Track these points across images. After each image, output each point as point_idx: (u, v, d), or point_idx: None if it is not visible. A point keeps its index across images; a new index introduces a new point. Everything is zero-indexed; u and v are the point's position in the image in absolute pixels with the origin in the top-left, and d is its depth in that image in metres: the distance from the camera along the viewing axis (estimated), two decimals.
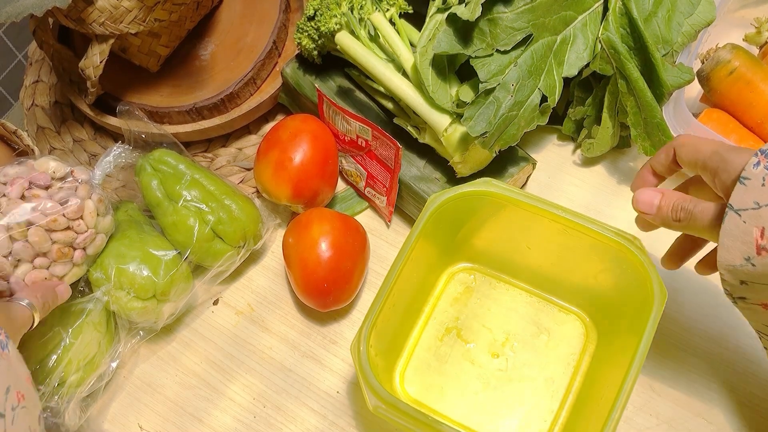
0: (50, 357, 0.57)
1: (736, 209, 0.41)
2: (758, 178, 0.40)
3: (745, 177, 0.41)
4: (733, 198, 0.41)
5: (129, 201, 0.68)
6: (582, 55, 0.63)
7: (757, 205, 0.40)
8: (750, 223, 0.40)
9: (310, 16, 0.67)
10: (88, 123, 0.78)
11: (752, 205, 0.40)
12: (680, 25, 0.63)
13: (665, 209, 0.47)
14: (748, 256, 0.40)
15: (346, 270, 0.62)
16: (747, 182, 0.40)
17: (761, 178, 0.40)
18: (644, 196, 0.48)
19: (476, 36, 0.59)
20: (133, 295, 0.59)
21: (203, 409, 0.62)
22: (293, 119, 0.68)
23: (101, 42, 0.66)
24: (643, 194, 0.48)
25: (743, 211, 0.40)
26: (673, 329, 0.62)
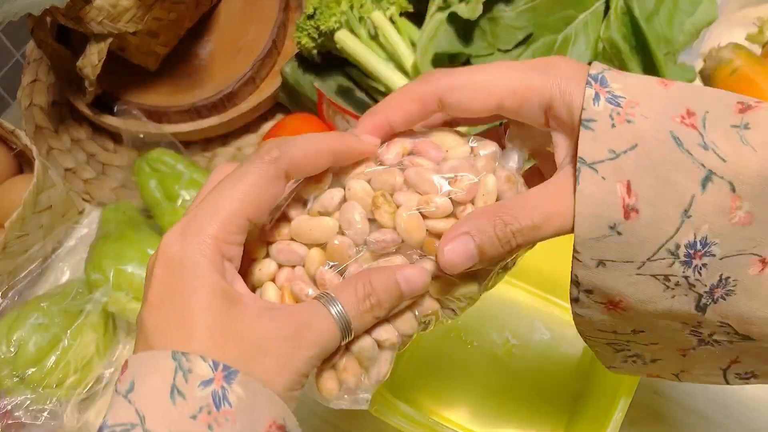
0: (49, 358, 0.57)
1: (589, 163, 0.30)
2: (604, 118, 0.30)
3: (588, 119, 0.30)
4: (583, 147, 0.30)
5: (127, 201, 0.68)
6: (583, 55, 0.63)
7: (613, 153, 0.30)
8: (611, 178, 0.30)
9: (309, 14, 0.66)
10: (86, 122, 0.78)
11: (608, 155, 0.30)
12: (682, 24, 0.63)
13: (490, 247, 0.32)
14: (614, 224, 0.30)
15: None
16: (593, 125, 0.30)
17: (608, 117, 0.30)
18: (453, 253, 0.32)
19: (477, 35, 0.59)
20: (132, 296, 0.59)
21: None
22: (293, 119, 0.67)
23: (99, 41, 0.66)
24: (451, 252, 0.32)
25: (599, 164, 0.30)
26: None
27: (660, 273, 0.31)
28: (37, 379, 0.56)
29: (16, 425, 0.56)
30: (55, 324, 0.58)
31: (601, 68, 0.32)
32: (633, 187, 0.30)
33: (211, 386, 0.28)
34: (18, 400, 0.56)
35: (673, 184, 0.30)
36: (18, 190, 0.67)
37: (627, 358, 0.39)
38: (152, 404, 0.28)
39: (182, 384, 0.28)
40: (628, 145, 0.30)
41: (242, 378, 0.28)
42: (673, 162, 0.30)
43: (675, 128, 0.30)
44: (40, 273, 0.67)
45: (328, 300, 0.31)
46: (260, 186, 0.31)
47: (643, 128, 0.30)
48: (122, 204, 0.66)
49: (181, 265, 0.30)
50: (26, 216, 0.64)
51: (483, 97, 0.33)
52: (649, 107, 0.31)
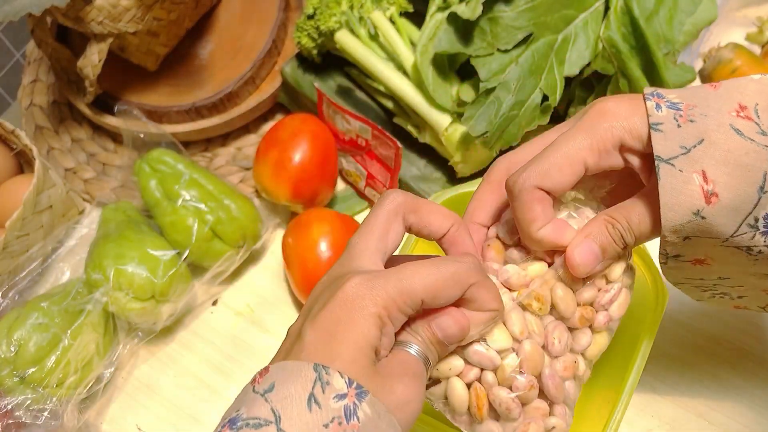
0: (49, 358, 0.57)
1: (666, 159, 0.35)
2: (670, 120, 0.35)
3: (656, 123, 0.35)
4: (657, 147, 0.35)
5: (127, 201, 0.68)
6: (583, 54, 0.63)
7: (684, 149, 0.35)
8: (687, 169, 0.34)
9: (309, 14, 0.66)
10: (86, 122, 0.78)
11: (680, 151, 0.35)
12: (682, 24, 0.63)
13: (610, 248, 0.38)
14: (698, 210, 0.35)
15: None
16: (662, 127, 0.35)
17: (673, 119, 0.35)
18: (582, 256, 0.38)
19: (477, 35, 0.59)
20: (131, 296, 0.59)
21: (202, 411, 0.62)
22: (293, 119, 0.67)
23: (100, 41, 0.66)
24: (579, 255, 0.38)
25: (674, 159, 0.35)
26: (675, 329, 0.61)
27: (743, 245, 0.35)
28: (37, 379, 0.56)
29: (16, 425, 0.57)
30: (55, 324, 0.58)
31: (653, 88, 0.37)
32: (709, 175, 0.34)
33: (345, 400, 0.32)
34: (18, 399, 0.56)
35: (745, 166, 0.34)
36: (18, 190, 0.67)
37: (715, 295, 0.44)
38: (289, 407, 0.31)
39: (320, 394, 0.31)
40: (696, 140, 0.35)
41: (371, 399, 0.32)
42: (740, 149, 0.34)
43: (733, 121, 0.35)
44: (41, 273, 0.67)
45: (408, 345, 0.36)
46: (447, 283, 0.35)
47: (706, 125, 0.35)
48: (122, 204, 0.66)
49: (357, 308, 0.34)
50: (26, 216, 0.64)
51: (570, 169, 0.37)
52: (705, 107, 0.35)
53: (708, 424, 0.58)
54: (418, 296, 0.34)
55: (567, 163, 0.37)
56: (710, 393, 0.59)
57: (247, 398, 0.33)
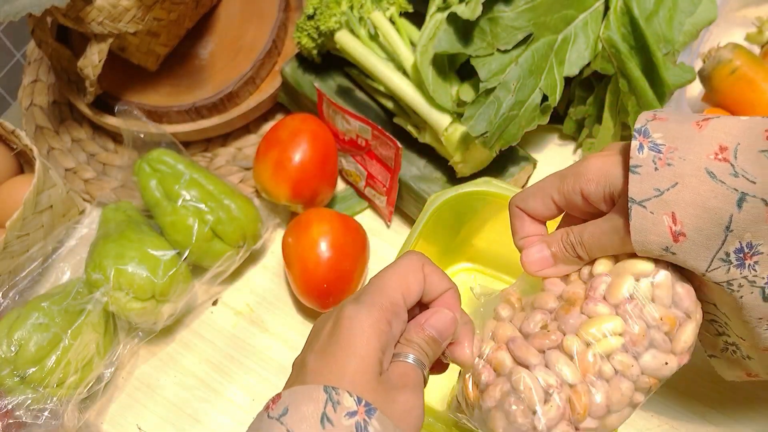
0: (50, 358, 0.57)
1: (638, 201, 0.37)
2: (648, 163, 0.37)
3: (635, 165, 0.37)
4: (632, 189, 0.37)
5: (127, 201, 0.68)
6: (583, 55, 0.63)
7: (658, 191, 0.37)
8: (658, 211, 0.37)
9: (309, 15, 0.66)
10: (86, 122, 0.78)
11: (653, 193, 0.37)
12: (681, 24, 0.63)
13: (560, 254, 0.42)
14: (666, 247, 0.37)
15: (346, 270, 0.61)
16: (639, 170, 0.37)
17: (651, 162, 0.37)
18: (532, 256, 0.43)
19: (477, 35, 0.59)
20: (132, 296, 0.59)
21: (202, 410, 0.62)
22: (293, 119, 0.67)
23: (100, 41, 0.66)
24: (530, 255, 0.43)
25: (646, 201, 0.37)
26: None
27: (722, 281, 0.37)
28: (37, 379, 0.56)
29: (16, 425, 0.57)
30: (55, 324, 0.58)
31: (645, 120, 0.39)
32: (678, 216, 0.36)
33: (355, 417, 0.34)
34: (18, 399, 0.56)
35: (712, 209, 0.36)
36: (19, 190, 0.67)
37: (727, 346, 0.45)
38: (303, 426, 0.34)
39: (331, 413, 0.34)
40: (670, 184, 0.37)
41: (379, 415, 0.35)
42: (710, 191, 0.36)
43: (709, 164, 0.36)
44: (41, 273, 0.67)
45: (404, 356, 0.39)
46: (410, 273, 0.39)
47: (682, 169, 0.37)
48: (122, 204, 0.66)
49: (354, 328, 0.37)
50: (27, 216, 0.64)
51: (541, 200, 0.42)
52: (687, 150, 0.37)
53: (708, 424, 0.58)
54: (398, 296, 0.38)
55: (539, 195, 0.43)
56: (710, 393, 0.59)
57: (263, 425, 0.35)
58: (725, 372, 0.47)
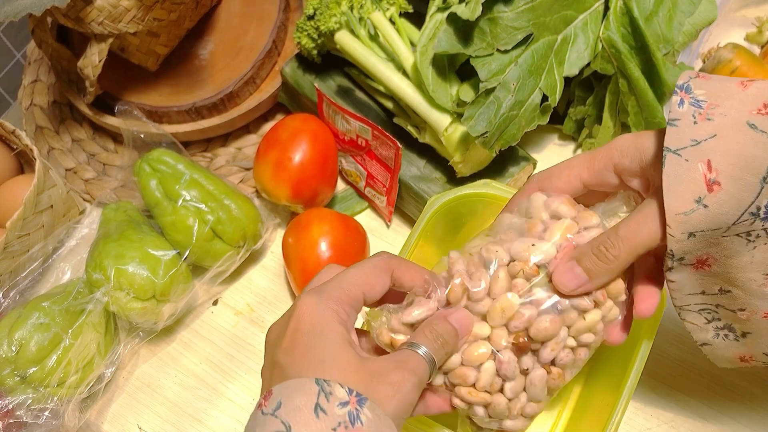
0: (50, 357, 0.57)
1: (674, 150, 0.36)
2: (687, 116, 0.37)
3: (673, 118, 0.37)
4: (668, 139, 0.37)
5: (127, 201, 0.68)
6: (583, 55, 0.63)
7: (695, 141, 0.36)
8: (693, 159, 0.36)
9: (309, 15, 0.66)
10: (86, 122, 0.78)
11: (690, 143, 0.36)
12: (681, 25, 0.63)
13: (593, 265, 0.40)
14: (699, 197, 0.36)
15: None
16: (677, 122, 0.37)
17: (691, 116, 0.37)
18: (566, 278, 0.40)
19: (476, 35, 0.59)
20: (132, 296, 0.59)
21: (202, 410, 0.62)
22: (293, 119, 0.67)
23: (100, 41, 0.66)
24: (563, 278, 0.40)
25: (682, 150, 0.36)
26: (674, 329, 0.62)
27: (743, 231, 0.37)
28: (38, 379, 0.56)
29: (17, 424, 0.57)
30: (56, 323, 0.58)
31: (687, 77, 0.38)
32: (713, 165, 0.35)
33: (347, 407, 0.35)
34: (19, 399, 0.56)
35: (750, 157, 0.35)
36: (19, 190, 0.67)
37: (718, 331, 0.44)
38: (298, 417, 0.34)
39: (324, 403, 0.35)
40: (708, 135, 0.36)
41: (370, 404, 0.35)
42: (750, 140, 0.35)
43: (751, 118, 0.36)
44: (41, 273, 0.67)
45: (413, 345, 0.40)
46: (373, 273, 0.41)
47: (722, 123, 0.36)
48: (123, 204, 0.67)
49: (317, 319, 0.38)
50: (27, 216, 0.64)
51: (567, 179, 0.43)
52: (728, 107, 0.36)
53: (708, 424, 0.58)
54: (359, 292, 0.40)
55: (565, 173, 0.43)
56: (710, 393, 0.59)
57: (257, 422, 0.35)
58: (718, 358, 0.46)
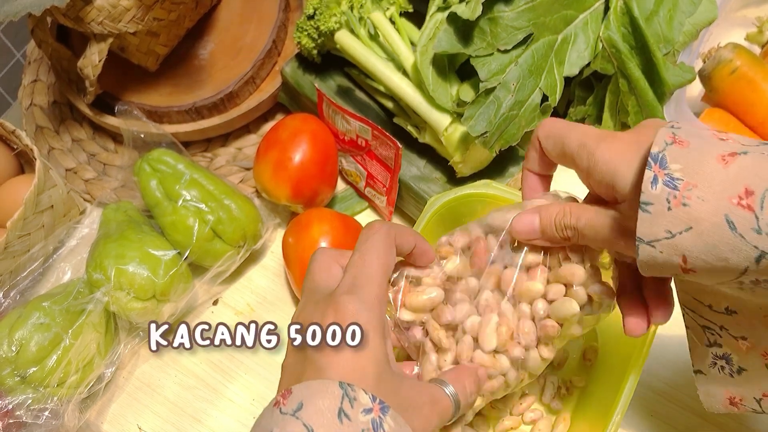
0: (50, 357, 0.57)
1: (647, 242, 0.35)
2: (661, 201, 0.34)
3: (646, 202, 0.34)
4: (641, 230, 0.34)
5: (128, 201, 0.68)
6: (583, 55, 0.63)
7: (670, 234, 0.34)
8: (668, 252, 0.34)
9: (309, 15, 0.66)
10: (86, 122, 0.78)
11: (665, 235, 0.34)
12: (682, 24, 0.63)
13: (549, 230, 0.41)
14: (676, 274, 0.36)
15: None
16: (650, 208, 0.34)
17: (665, 200, 0.33)
18: (521, 224, 0.42)
19: (477, 35, 0.59)
20: (132, 296, 0.59)
21: (202, 410, 0.62)
22: (293, 119, 0.67)
23: (100, 41, 0.66)
24: (519, 222, 0.42)
25: (656, 242, 0.34)
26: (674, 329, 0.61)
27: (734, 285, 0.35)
28: (38, 379, 0.56)
29: (17, 424, 0.57)
30: (56, 323, 0.58)
31: (664, 143, 0.35)
32: (689, 261, 0.34)
33: (371, 414, 0.34)
34: (19, 399, 0.56)
35: (727, 259, 0.33)
36: (19, 190, 0.67)
37: (716, 360, 0.43)
38: (321, 421, 0.33)
39: (348, 408, 0.34)
40: (683, 227, 0.33)
41: (393, 413, 0.35)
42: (727, 243, 0.33)
43: (731, 211, 0.32)
44: (42, 273, 0.67)
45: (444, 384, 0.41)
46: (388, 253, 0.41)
47: (699, 211, 0.33)
48: (123, 204, 0.67)
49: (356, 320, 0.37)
50: (27, 216, 0.64)
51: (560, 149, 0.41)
52: (706, 189, 0.33)
53: (708, 424, 0.58)
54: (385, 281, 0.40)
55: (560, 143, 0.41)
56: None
57: (275, 421, 0.34)
58: (708, 396, 0.46)
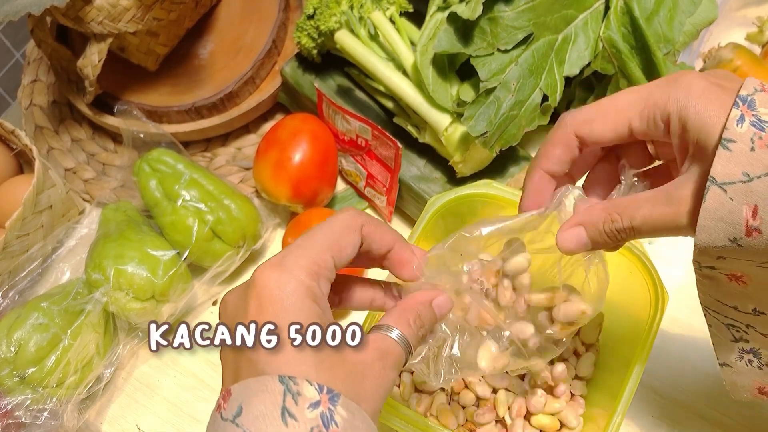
0: (49, 358, 0.57)
1: (719, 182, 0.32)
2: (745, 139, 0.31)
3: (728, 139, 0.32)
4: (716, 168, 0.32)
5: (127, 201, 0.68)
6: (583, 54, 0.63)
7: (747, 177, 0.31)
8: (738, 200, 0.32)
9: (309, 14, 0.66)
10: (86, 122, 0.78)
11: (741, 177, 0.31)
12: (682, 24, 0.63)
13: (599, 239, 0.38)
14: (735, 237, 0.32)
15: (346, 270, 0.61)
16: (732, 146, 0.32)
17: (749, 140, 0.31)
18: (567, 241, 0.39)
19: (477, 35, 0.59)
20: (131, 296, 0.59)
21: (202, 410, 0.62)
22: (292, 119, 0.67)
23: (99, 41, 0.66)
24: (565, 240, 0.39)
25: (729, 186, 0.32)
26: (674, 329, 0.61)
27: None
28: (37, 379, 0.56)
29: (16, 425, 0.57)
30: (55, 324, 0.58)
31: (753, 89, 0.33)
32: (759, 212, 0.31)
33: (319, 408, 0.30)
34: (18, 399, 0.56)
35: None
36: (18, 190, 0.67)
37: (743, 354, 0.41)
38: (263, 425, 0.29)
39: (292, 406, 0.30)
40: (764, 171, 0.31)
41: (344, 400, 0.31)
42: None
43: None
44: (41, 273, 0.67)
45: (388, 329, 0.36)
46: (342, 233, 0.35)
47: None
48: (122, 204, 0.66)
49: (280, 294, 0.32)
50: (26, 216, 0.64)
51: (613, 124, 0.36)
52: None
53: (708, 424, 0.58)
54: (328, 257, 0.34)
55: (612, 116, 0.36)
56: (710, 393, 0.59)
57: (217, 428, 0.31)
58: (735, 385, 0.44)
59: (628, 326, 0.55)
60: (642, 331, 0.49)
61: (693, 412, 0.58)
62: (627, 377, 0.47)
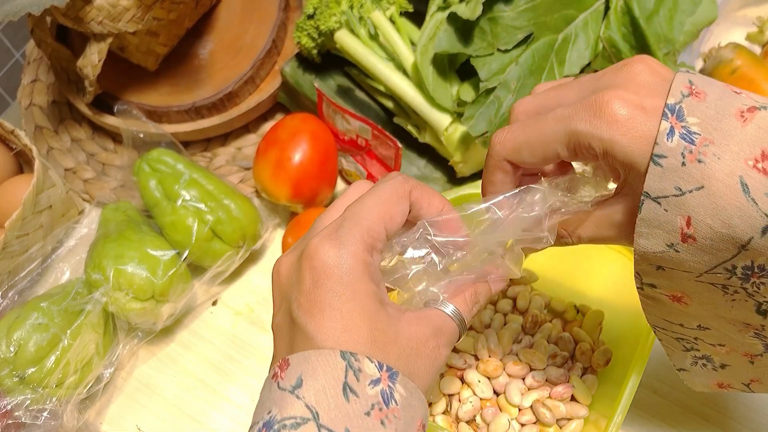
0: (49, 358, 0.57)
1: (654, 197, 0.32)
2: (676, 154, 0.32)
3: (659, 155, 0.32)
4: (649, 184, 0.32)
5: (127, 201, 0.67)
6: (583, 54, 0.63)
7: (679, 191, 0.32)
8: (673, 211, 0.32)
9: (309, 14, 0.66)
10: (86, 122, 0.78)
11: (673, 192, 0.32)
12: (682, 24, 0.63)
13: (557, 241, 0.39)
14: (671, 243, 0.33)
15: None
16: (663, 161, 0.32)
17: (680, 155, 0.31)
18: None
19: (477, 35, 0.59)
20: (131, 296, 0.59)
21: (202, 411, 0.62)
22: (292, 118, 0.67)
23: (99, 41, 0.66)
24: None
25: (663, 199, 0.32)
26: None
27: (718, 283, 0.34)
28: (36, 379, 0.56)
29: (15, 425, 0.56)
30: (54, 324, 0.58)
31: (680, 95, 0.32)
32: (693, 223, 0.32)
33: (380, 385, 0.31)
34: (18, 399, 0.56)
35: (733, 227, 0.31)
36: (18, 190, 0.67)
37: (697, 360, 0.42)
38: (325, 400, 0.30)
39: (354, 382, 0.30)
40: (694, 185, 0.31)
41: (402, 378, 0.32)
42: (737, 207, 0.31)
43: (746, 173, 0.31)
44: (40, 273, 0.67)
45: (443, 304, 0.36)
46: (393, 200, 0.35)
47: (713, 170, 0.31)
48: (122, 204, 0.66)
49: (338, 270, 0.32)
50: (26, 216, 0.64)
51: (542, 155, 0.36)
52: (723, 146, 0.31)
53: (708, 424, 0.58)
54: (381, 227, 0.34)
55: (539, 148, 0.36)
56: (710, 393, 0.59)
57: (274, 396, 0.31)
58: (694, 383, 0.45)
59: (628, 326, 0.55)
60: (642, 331, 0.49)
61: (693, 412, 0.58)
62: (627, 377, 0.47)
